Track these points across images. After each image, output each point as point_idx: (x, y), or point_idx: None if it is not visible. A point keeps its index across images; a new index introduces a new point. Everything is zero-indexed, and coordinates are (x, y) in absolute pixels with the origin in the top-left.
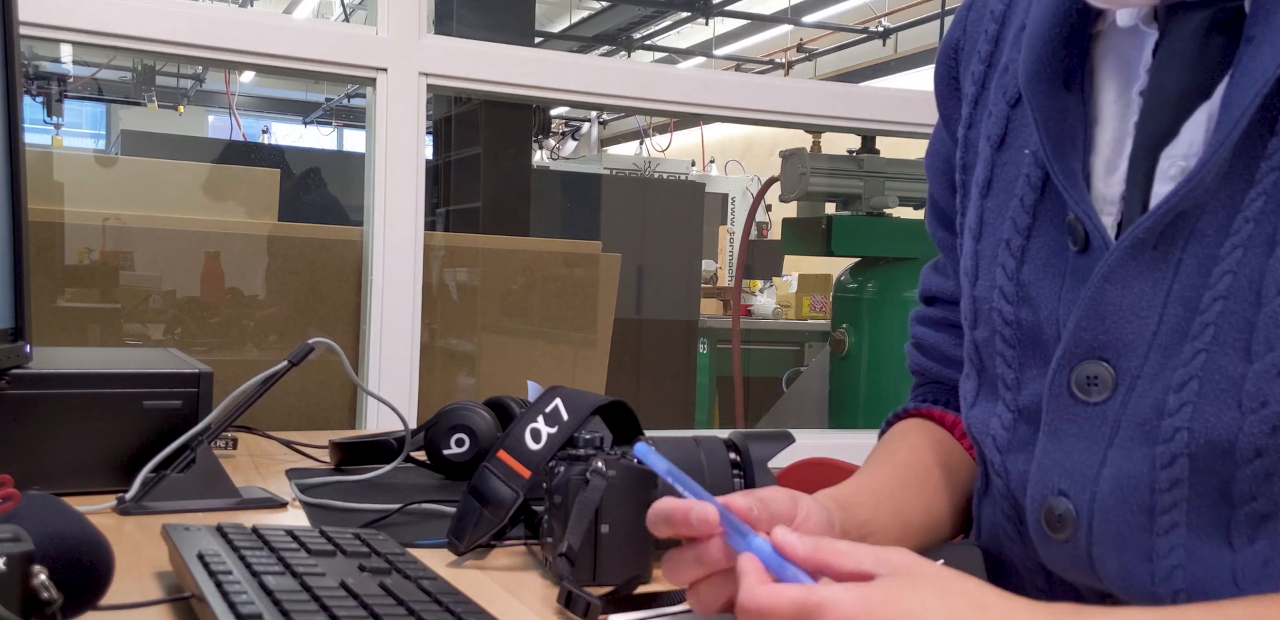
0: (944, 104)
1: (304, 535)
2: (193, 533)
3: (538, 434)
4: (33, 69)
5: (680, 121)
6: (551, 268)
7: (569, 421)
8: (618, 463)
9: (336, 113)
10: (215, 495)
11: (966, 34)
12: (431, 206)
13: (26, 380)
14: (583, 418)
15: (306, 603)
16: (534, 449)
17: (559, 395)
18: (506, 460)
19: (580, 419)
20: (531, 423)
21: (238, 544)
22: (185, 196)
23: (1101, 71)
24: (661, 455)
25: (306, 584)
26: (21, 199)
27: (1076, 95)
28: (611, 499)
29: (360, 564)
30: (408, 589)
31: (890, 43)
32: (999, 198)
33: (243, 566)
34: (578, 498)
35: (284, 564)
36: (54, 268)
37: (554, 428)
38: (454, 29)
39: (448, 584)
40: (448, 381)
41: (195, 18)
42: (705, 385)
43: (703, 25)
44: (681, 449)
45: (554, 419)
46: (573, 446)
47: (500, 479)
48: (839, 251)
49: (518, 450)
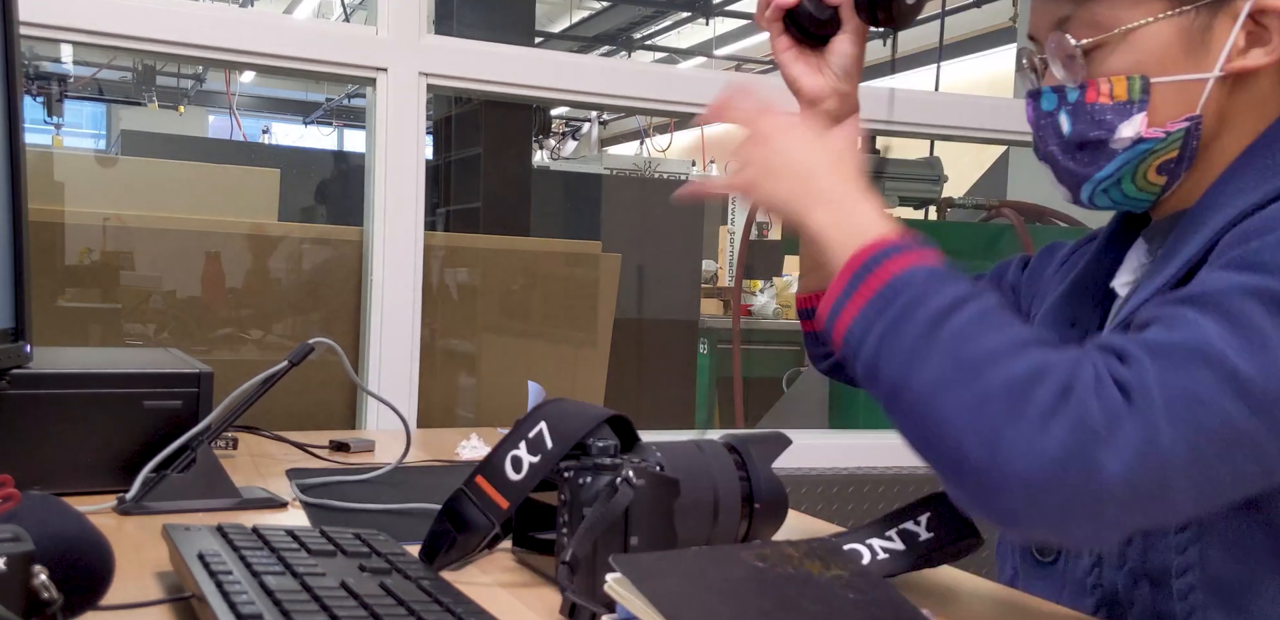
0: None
1: (304, 535)
2: (193, 533)
3: (519, 463)
4: (33, 69)
5: (680, 121)
6: (552, 268)
7: (553, 451)
8: (646, 471)
9: (337, 113)
10: (215, 495)
11: (1073, 259)
12: (432, 206)
13: (27, 380)
14: (568, 447)
15: (307, 603)
16: (513, 480)
17: (544, 419)
18: (484, 487)
19: (565, 448)
20: (513, 449)
21: (238, 544)
22: (186, 196)
23: (1109, 323)
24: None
25: (307, 584)
26: (22, 199)
27: (1078, 332)
28: (639, 509)
29: (360, 564)
30: (408, 589)
31: (890, 43)
32: None
33: (243, 567)
34: (600, 507)
35: (284, 564)
36: (54, 268)
37: (536, 457)
38: (454, 29)
39: (447, 584)
40: (448, 381)
41: (195, 18)
42: (705, 385)
43: (703, 25)
44: (684, 454)
45: (537, 447)
46: (585, 454)
47: (476, 506)
48: None
49: (497, 479)
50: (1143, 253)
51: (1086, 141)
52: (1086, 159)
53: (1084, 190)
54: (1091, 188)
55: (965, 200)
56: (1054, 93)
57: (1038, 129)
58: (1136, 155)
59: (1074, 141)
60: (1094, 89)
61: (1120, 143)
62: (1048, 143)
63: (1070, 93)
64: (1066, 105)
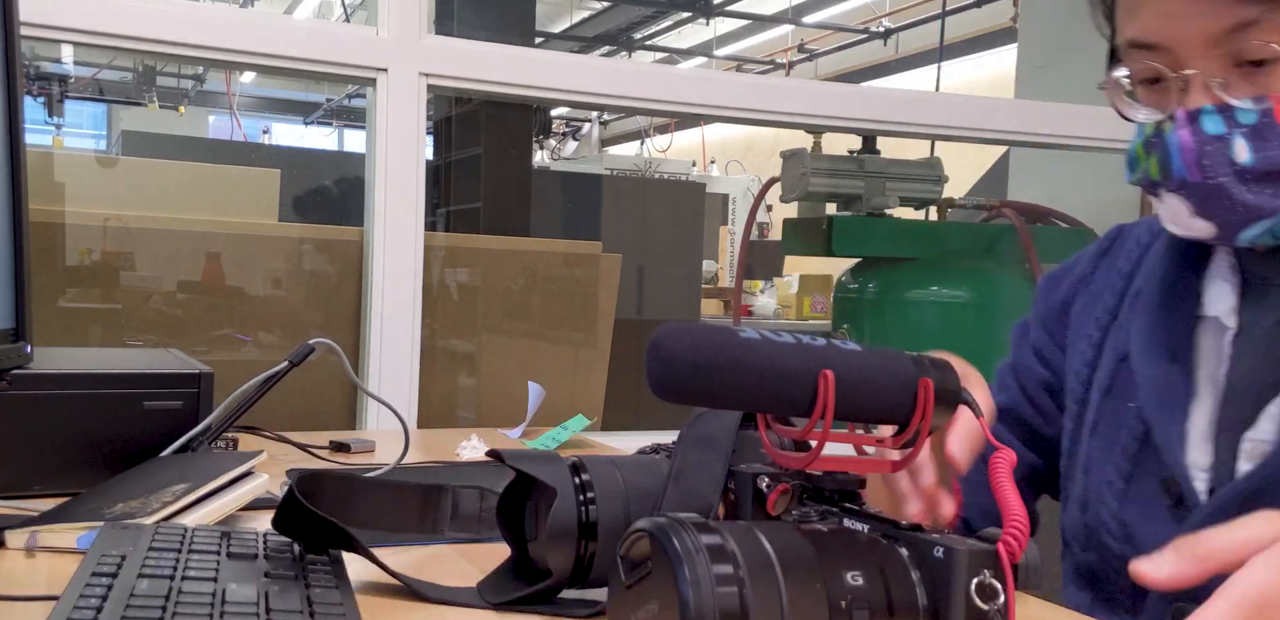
0: (1050, 321)
1: (237, 538)
2: (130, 531)
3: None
4: (34, 69)
5: (681, 122)
6: (552, 268)
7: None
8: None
9: (337, 113)
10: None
11: (1096, 276)
12: (432, 207)
13: (27, 380)
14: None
15: (151, 609)
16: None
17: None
18: None
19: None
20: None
21: (156, 545)
22: (186, 197)
23: (1201, 351)
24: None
25: (177, 589)
26: (22, 199)
27: (1180, 366)
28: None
29: (268, 570)
30: (288, 599)
31: (891, 43)
32: (1103, 441)
33: (137, 568)
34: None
35: (177, 568)
36: (55, 268)
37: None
38: (454, 29)
39: (347, 595)
40: (448, 382)
41: (195, 18)
42: None
43: (703, 25)
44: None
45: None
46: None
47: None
48: (839, 252)
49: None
50: (1227, 271)
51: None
52: (1274, 190)
53: (1253, 228)
54: (1269, 225)
55: (966, 200)
56: (1219, 113)
57: (1199, 156)
58: None
59: (1260, 170)
60: None
61: None
62: (1215, 173)
63: (1244, 113)
64: (1240, 128)
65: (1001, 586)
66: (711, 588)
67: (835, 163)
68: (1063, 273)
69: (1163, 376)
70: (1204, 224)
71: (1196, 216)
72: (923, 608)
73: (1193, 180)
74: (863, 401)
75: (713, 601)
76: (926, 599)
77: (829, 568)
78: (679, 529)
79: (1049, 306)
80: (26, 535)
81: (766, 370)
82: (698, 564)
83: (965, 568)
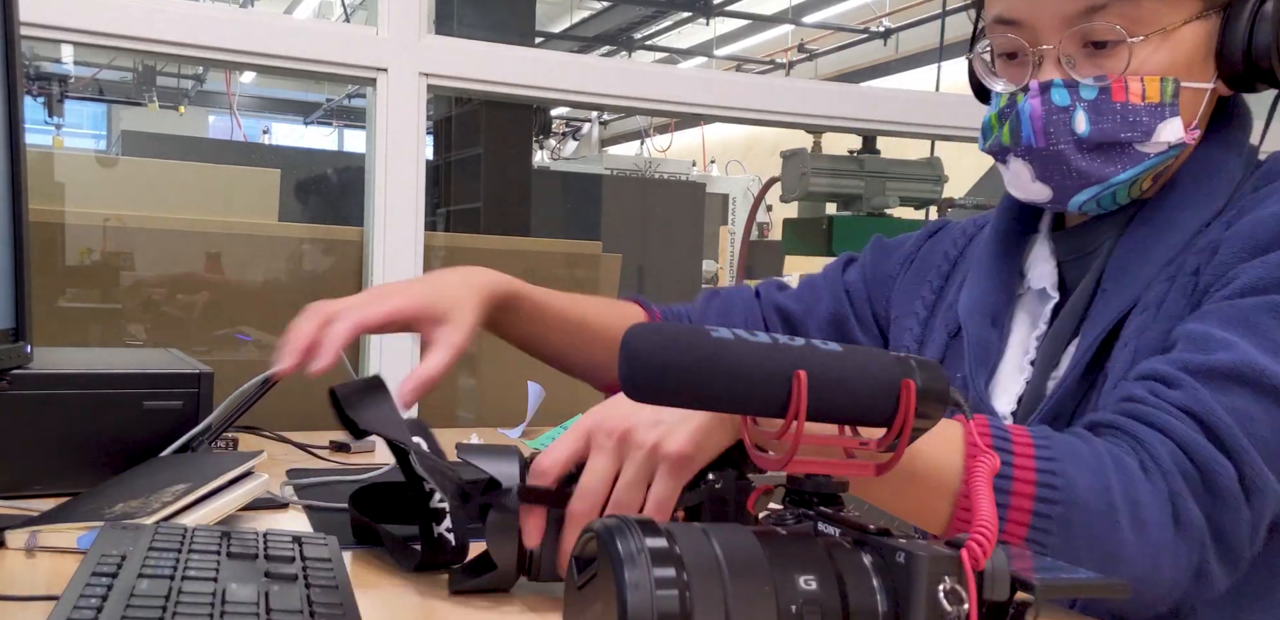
0: (874, 267)
1: (237, 537)
2: (129, 531)
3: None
4: (34, 69)
5: (681, 122)
6: (552, 268)
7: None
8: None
9: (337, 113)
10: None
11: (920, 255)
12: (432, 207)
13: (27, 380)
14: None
15: (151, 609)
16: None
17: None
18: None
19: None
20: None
21: (156, 544)
22: (186, 197)
23: (1017, 319)
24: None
25: (178, 589)
26: (22, 199)
27: (998, 331)
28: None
29: (268, 570)
30: (288, 599)
31: (891, 43)
32: None
33: (138, 567)
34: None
35: (177, 568)
36: (55, 268)
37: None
38: (454, 29)
39: (347, 595)
40: (448, 382)
41: (195, 18)
42: None
43: (703, 25)
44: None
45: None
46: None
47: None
48: (840, 252)
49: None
50: (1049, 252)
51: (1112, 142)
52: (1104, 160)
53: (1084, 193)
54: (1096, 191)
55: (966, 200)
56: (1065, 87)
57: (1045, 124)
58: (1162, 161)
59: (1094, 141)
60: (1121, 87)
61: (1155, 147)
62: (1057, 140)
63: (1086, 89)
64: (1082, 102)
65: (964, 593)
66: (650, 590)
67: (835, 163)
68: (895, 245)
69: (984, 337)
70: (1041, 188)
71: (1037, 180)
72: (883, 614)
73: (1038, 146)
74: (840, 403)
75: (651, 604)
76: (886, 605)
77: (781, 571)
78: (625, 531)
79: (876, 271)
80: (26, 535)
81: (737, 370)
82: (639, 566)
83: (927, 573)
